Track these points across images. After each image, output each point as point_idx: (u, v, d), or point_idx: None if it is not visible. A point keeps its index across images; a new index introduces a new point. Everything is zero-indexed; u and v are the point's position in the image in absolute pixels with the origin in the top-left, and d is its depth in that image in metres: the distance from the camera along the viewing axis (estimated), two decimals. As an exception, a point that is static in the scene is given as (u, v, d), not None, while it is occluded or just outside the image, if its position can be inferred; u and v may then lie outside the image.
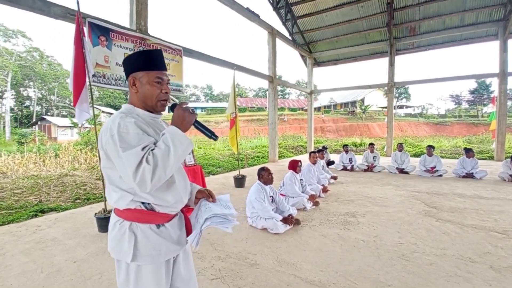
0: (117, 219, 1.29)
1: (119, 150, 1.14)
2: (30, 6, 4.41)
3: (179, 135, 1.20)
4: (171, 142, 1.17)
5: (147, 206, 1.28)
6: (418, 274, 2.69)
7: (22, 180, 7.81)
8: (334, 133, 37.37)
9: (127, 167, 1.13)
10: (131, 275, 1.28)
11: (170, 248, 1.33)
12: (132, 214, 1.27)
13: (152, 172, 1.11)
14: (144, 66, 1.31)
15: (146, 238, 1.26)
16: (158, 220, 1.31)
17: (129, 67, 1.34)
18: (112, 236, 1.29)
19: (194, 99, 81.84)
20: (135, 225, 1.26)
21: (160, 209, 1.30)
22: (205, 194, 1.49)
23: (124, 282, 1.29)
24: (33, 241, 3.62)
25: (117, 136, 1.16)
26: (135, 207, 1.27)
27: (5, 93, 35.89)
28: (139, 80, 1.32)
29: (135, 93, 1.34)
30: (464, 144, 19.03)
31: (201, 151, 16.74)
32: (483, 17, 11.71)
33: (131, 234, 1.25)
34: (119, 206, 1.28)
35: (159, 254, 1.29)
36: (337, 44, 15.05)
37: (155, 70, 1.32)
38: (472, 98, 53.42)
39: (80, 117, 4.02)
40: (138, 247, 1.25)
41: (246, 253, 3.20)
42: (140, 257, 1.25)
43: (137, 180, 1.11)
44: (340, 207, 5.11)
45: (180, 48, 7.02)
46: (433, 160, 8.37)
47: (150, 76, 1.31)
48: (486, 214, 4.56)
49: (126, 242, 1.24)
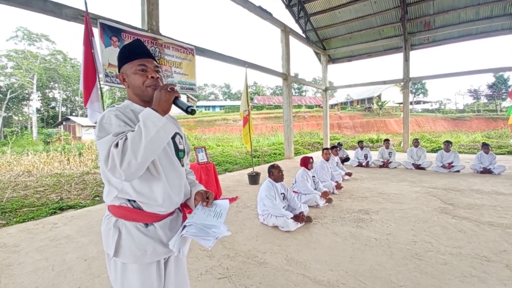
0: (107, 213, 1.31)
1: (96, 139, 1.14)
2: (41, 9, 4.51)
3: (152, 117, 1.10)
4: (143, 124, 1.08)
5: (133, 204, 1.26)
6: (432, 274, 2.61)
7: (45, 178, 8.10)
8: (351, 129, 36.85)
9: (100, 155, 1.11)
10: (118, 272, 1.27)
11: (158, 250, 1.29)
12: (118, 210, 1.26)
13: (121, 155, 1.04)
14: (126, 59, 1.32)
15: (130, 236, 1.25)
16: (145, 219, 1.28)
17: (118, 65, 1.36)
18: (102, 229, 1.31)
19: (213, 98, 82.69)
20: (121, 222, 1.26)
21: (147, 207, 1.27)
22: (202, 196, 1.39)
23: (114, 279, 1.29)
24: (48, 238, 3.73)
25: (98, 126, 1.16)
26: (120, 204, 1.26)
27: (31, 95, 37.21)
28: (125, 74, 1.32)
29: (128, 89, 1.34)
30: (483, 138, 18.45)
31: (219, 148, 16.89)
32: (497, 11, 11.38)
33: (115, 229, 1.25)
34: (107, 201, 1.29)
35: (144, 255, 1.25)
36: (351, 40, 14.84)
37: (136, 59, 1.30)
38: (490, 93, 51.81)
39: (92, 117, 4.10)
40: (121, 244, 1.24)
41: (256, 251, 3.20)
42: (123, 255, 1.24)
43: (108, 166, 1.06)
44: (353, 204, 5.04)
45: (192, 47, 7.07)
46: (450, 155, 8.14)
47: (133, 66, 1.30)
48: (503, 211, 4.40)
49: (111, 237, 1.25)
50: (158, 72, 1.34)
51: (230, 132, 32.16)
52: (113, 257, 1.24)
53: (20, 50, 34.31)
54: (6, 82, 34.13)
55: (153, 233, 1.29)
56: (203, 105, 62.78)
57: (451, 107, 55.37)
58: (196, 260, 2.99)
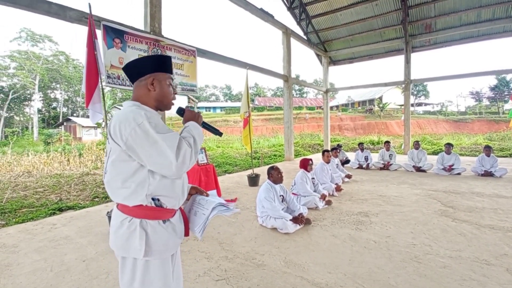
0: (125, 216, 1.29)
1: (155, 135, 1.20)
2: (46, 11, 4.55)
3: (199, 129, 1.41)
4: (195, 133, 1.36)
5: (157, 203, 1.31)
6: (431, 277, 2.59)
7: (45, 179, 8.11)
8: (352, 131, 36.86)
9: (166, 149, 1.20)
10: (137, 272, 1.29)
11: (176, 242, 1.41)
12: (141, 211, 1.28)
13: (192, 154, 1.27)
14: (164, 69, 1.43)
15: (156, 234, 1.30)
16: (165, 215, 1.36)
17: (149, 67, 1.39)
18: (120, 234, 1.28)
19: (214, 99, 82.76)
20: (145, 222, 1.29)
21: (168, 203, 1.35)
22: (198, 190, 1.62)
23: (129, 281, 1.29)
24: (47, 239, 3.72)
25: (147, 124, 1.22)
26: (145, 204, 1.29)
27: (33, 96, 37.39)
28: (158, 80, 1.39)
29: (149, 92, 1.39)
30: (485, 141, 18.35)
31: (220, 149, 16.88)
32: (499, 13, 11.37)
33: (142, 231, 1.27)
34: (128, 203, 1.28)
35: (167, 249, 1.35)
36: (352, 42, 14.86)
37: (170, 73, 1.46)
38: (492, 95, 51.61)
39: (94, 118, 4.11)
40: (150, 243, 1.28)
41: (254, 253, 3.19)
42: (151, 253, 1.28)
43: (179, 160, 1.21)
44: (353, 206, 5.03)
45: (193, 49, 7.09)
46: (451, 158, 8.11)
47: (167, 78, 1.43)
48: (504, 214, 4.38)
49: (137, 239, 1.26)
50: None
51: (230, 133, 32.15)
52: (144, 257, 1.27)
53: (23, 51, 34.55)
54: (8, 82, 34.37)
55: (170, 228, 1.38)
56: (204, 107, 62.96)
57: (452, 109, 55.44)
58: (194, 261, 2.99)
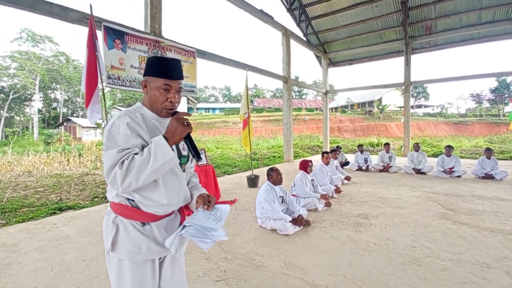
0: (109, 209, 1.38)
1: (104, 148, 1.22)
2: (48, 12, 4.56)
3: (163, 148, 1.19)
4: (153, 152, 1.17)
5: (132, 203, 1.32)
6: (430, 280, 2.59)
7: (45, 179, 8.11)
8: (351, 133, 36.87)
9: (104, 165, 1.21)
10: (114, 268, 1.34)
11: (153, 248, 1.33)
12: (118, 208, 1.33)
13: (123, 177, 1.15)
14: (155, 72, 1.34)
15: (126, 233, 1.31)
16: (143, 218, 1.33)
17: (145, 70, 1.39)
18: (103, 224, 1.38)
19: (213, 100, 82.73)
20: (119, 218, 1.32)
21: (145, 207, 1.32)
22: (204, 200, 1.43)
23: (111, 274, 1.37)
24: (48, 238, 3.73)
25: (107, 134, 1.23)
26: (119, 201, 1.32)
27: (33, 96, 37.40)
28: (149, 84, 1.36)
29: (146, 95, 1.40)
30: (485, 143, 18.35)
31: (219, 150, 16.87)
32: (500, 15, 11.40)
33: (114, 225, 1.32)
34: (108, 198, 1.36)
35: (139, 252, 1.31)
36: (352, 44, 14.88)
37: (164, 78, 1.32)
38: (493, 97, 51.60)
39: (92, 118, 4.12)
40: (118, 239, 1.31)
41: (254, 254, 3.19)
42: (118, 250, 1.30)
43: (109, 180, 1.18)
44: (352, 208, 5.02)
45: (193, 49, 7.10)
46: (451, 160, 8.11)
47: (157, 83, 1.33)
48: (505, 217, 4.38)
49: (109, 232, 1.32)
50: (180, 92, 1.39)
51: (229, 134, 32.21)
52: (110, 251, 1.31)
53: (24, 51, 34.55)
54: (9, 83, 34.36)
55: (149, 232, 1.34)
56: (203, 107, 62.97)
57: (453, 111, 55.31)
58: (194, 262, 2.99)
